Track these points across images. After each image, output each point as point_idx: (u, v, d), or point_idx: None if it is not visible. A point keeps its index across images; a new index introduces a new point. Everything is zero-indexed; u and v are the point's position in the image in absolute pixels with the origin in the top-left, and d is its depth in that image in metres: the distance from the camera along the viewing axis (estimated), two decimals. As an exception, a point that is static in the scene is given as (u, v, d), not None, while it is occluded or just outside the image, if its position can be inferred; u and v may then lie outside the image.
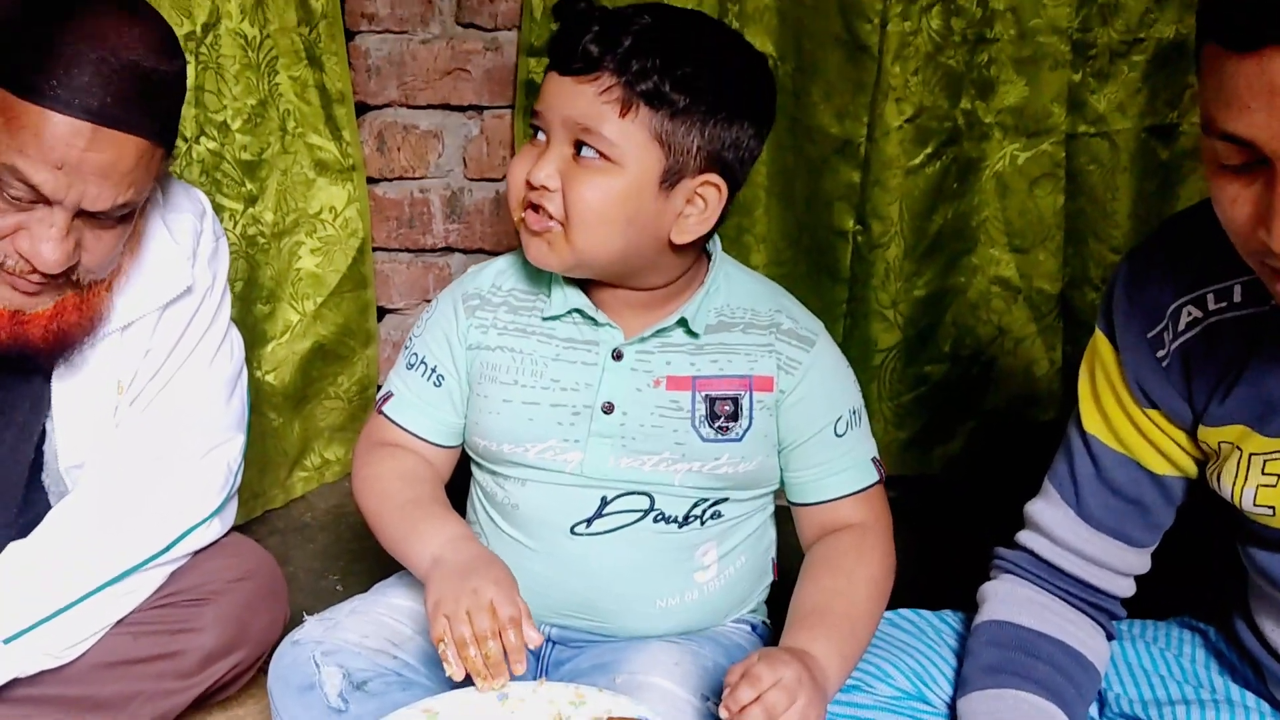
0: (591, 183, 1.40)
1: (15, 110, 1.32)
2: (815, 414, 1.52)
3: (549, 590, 1.49)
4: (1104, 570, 1.39)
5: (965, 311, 2.31)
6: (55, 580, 1.52)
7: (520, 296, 1.55)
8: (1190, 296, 1.26)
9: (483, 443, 1.55)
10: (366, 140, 2.37)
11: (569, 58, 1.38)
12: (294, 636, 1.54)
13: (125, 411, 1.59)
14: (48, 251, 1.37)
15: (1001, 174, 2.22)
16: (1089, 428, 1.36)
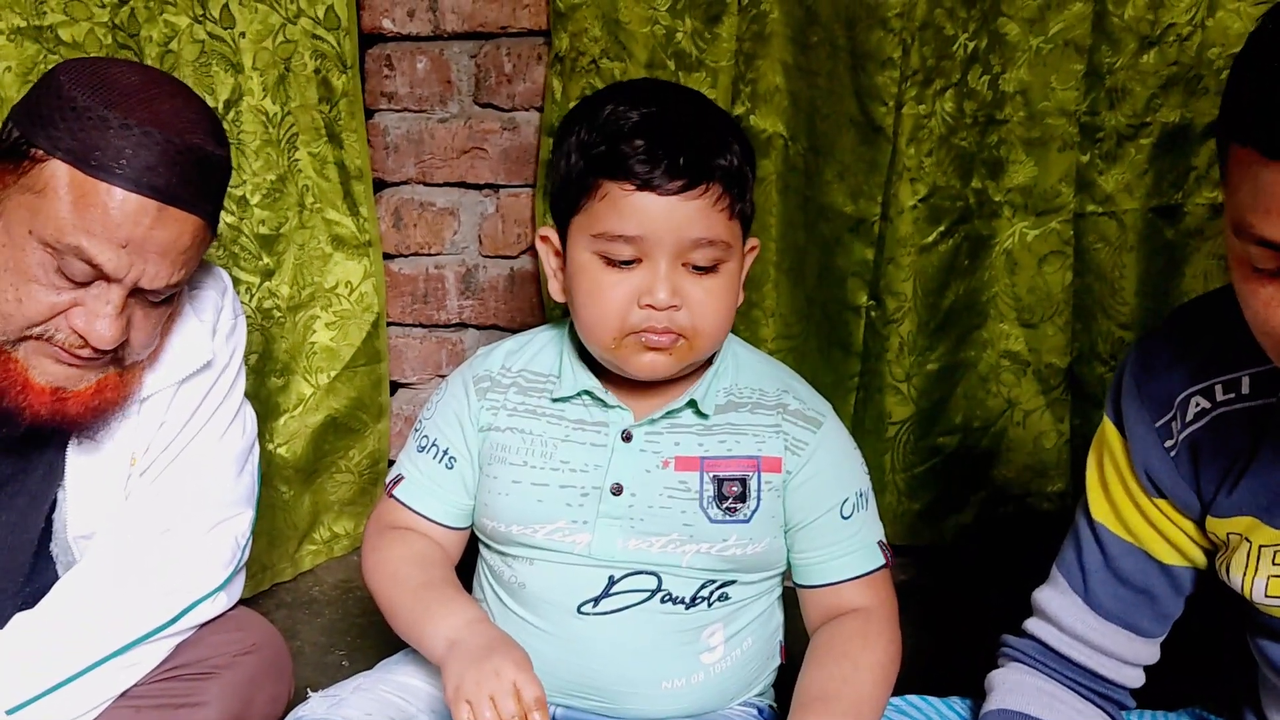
0: (712, 290, 1.41)
1: (85, 188, 1.33)
2: (821, 496, 1.51)
3: (555, 670, 1.46)
4: (1112, 660, 1.36)
5: (976, 384, 2.32)
6: (60, 651, 1.49)
7: (530, 377, 1.55)
8: (1198, 387, 1.24)
9: (491, 524, 1.54)
10: (383, 216, 2.39)
11: (669, 178, 1.35)
12: (298, 713, 1.52)
13: (135, 482, 1.58)
14: (103, 328, 1.38)
15: (1011, 251, 2.24)
16: (1097, 516, 1.34)
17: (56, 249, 1.35)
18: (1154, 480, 1.28)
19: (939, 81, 2.13)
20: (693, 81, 2.22)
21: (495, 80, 2.32)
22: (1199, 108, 2.12)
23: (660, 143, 1.36)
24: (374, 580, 1.55)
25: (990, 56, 2.13)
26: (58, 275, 1.36)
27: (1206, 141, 2.14)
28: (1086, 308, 2.27)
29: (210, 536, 1.59)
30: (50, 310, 1.38)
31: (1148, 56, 2.10)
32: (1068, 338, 2.28)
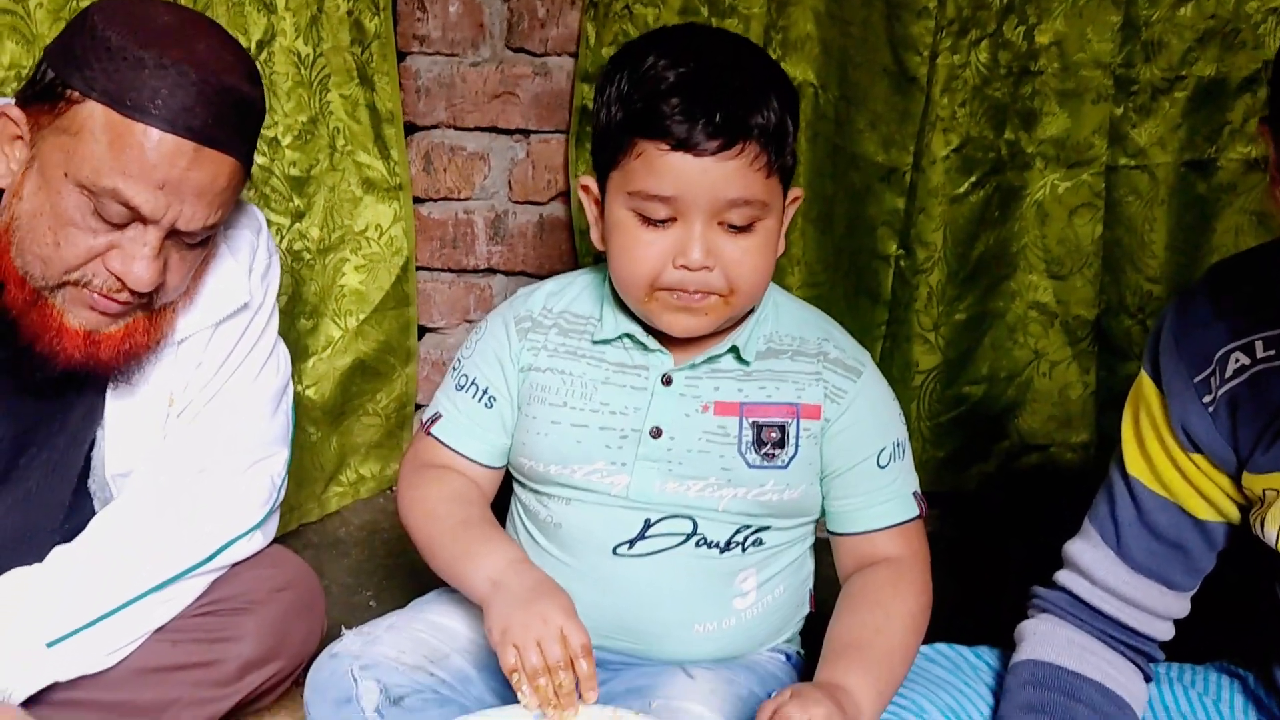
0: (749, 248, 1.40)
1: (120, 129, 1.34)
2: (859, 444, 1.51)
3: (587, 611, 1.46)
4: (1143, 613, 1.37)
5: (1003, 335, 2.33)
6: (98, 586, 1.52)
7: (571, 319, 1.55)
8: (1239, 343, 1.24)
9: (529, 463, 1.54)
10: (413, 160, 2.39)
11: (704, 138, 1.34)
12: (332, 649, 1.53)
13: (173, 423, 1.59)
14: (140, 270, 1.38)
15: (1042, 203, 2.24)
16: (1132, 470, 1.34)
17: (93, 191, 1.35)
18: (1191, 436, 1.28)
19: (974, 32, 2.12)
20: (725, 27, 2.19)
21: (528, 24, 2.31)
22: (1235, 62, 2.11)
23: (696, 102, 1.34)
24: (411, 518, 1.56)
25: (1026, 7, 2.12)
26: (94, 218, 1.37)
27: (1242, 96, 2.12)
28: (1115, 261, 2.26)
29: (246, 476, 1.61)
30: (88, 254, 1.38)
31: (1185, 9, 2.09)
32: (1096, 290, 2.27)
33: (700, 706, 1.44)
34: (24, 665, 1.47)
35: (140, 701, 1.55)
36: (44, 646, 1.48)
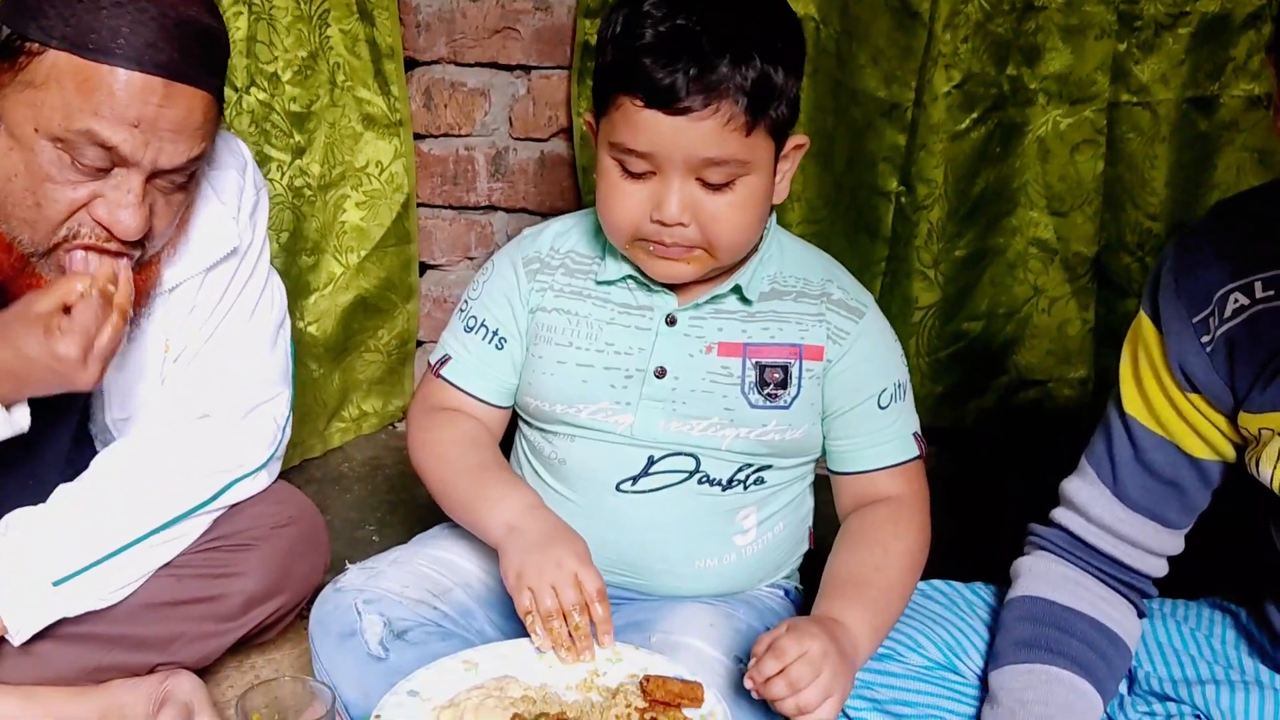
0: (730, 203, 1.39)
1: (87, 73, 1.31)
2: (860, 384, 1.52)
3: (590, 546, 1.47)
4: (1138, 550, 1.38)
5: (1003, 272, 2.32)
6: (102, 526, 1.53)
7: (577, 259, 1.55)
8: (1238, 283, 1.24)
9: (534, 402, 1.55)
10: (414, 96, 2.37)
11: (674, 99, 1.32)
12: (336, 584, 1.55)
13: (170, 368, 1.59)
14: (127, 218, 1.37)
15: (1044, 139, 2.22)
16: (1129, 409, 1.35)
17: (66, 139, 1.32)
18: (1189, 375, 1.28)
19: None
20: None
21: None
22: None
23: (670, 60, 1.32)
24: (424, 461, 1.57)
25: None
26: (72, 169, 1.34)
27: (1246, 32, 2.11)
28: (1116, 198, 2.26)
29: (249, 419, 1.61)
30: (70, 206, 1.36)
31: None
32: (1096, 227, 2.27)
33: (699, 640, 1.46)
34: (31, 603, 1.49)
35: (146, 636, 1.57)
36: (50, 585, 1.49)
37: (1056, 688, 1.31)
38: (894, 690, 1.40)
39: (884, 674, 1.41)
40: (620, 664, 1.36)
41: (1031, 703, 1.30)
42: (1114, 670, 1.36)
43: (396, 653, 1.46)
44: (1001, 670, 1.35)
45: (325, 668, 1.49)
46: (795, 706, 1.30)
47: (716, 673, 1.42)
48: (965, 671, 1.43)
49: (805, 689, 1.29)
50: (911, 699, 1.40)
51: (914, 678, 1.41)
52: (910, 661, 1.42)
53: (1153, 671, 1.42)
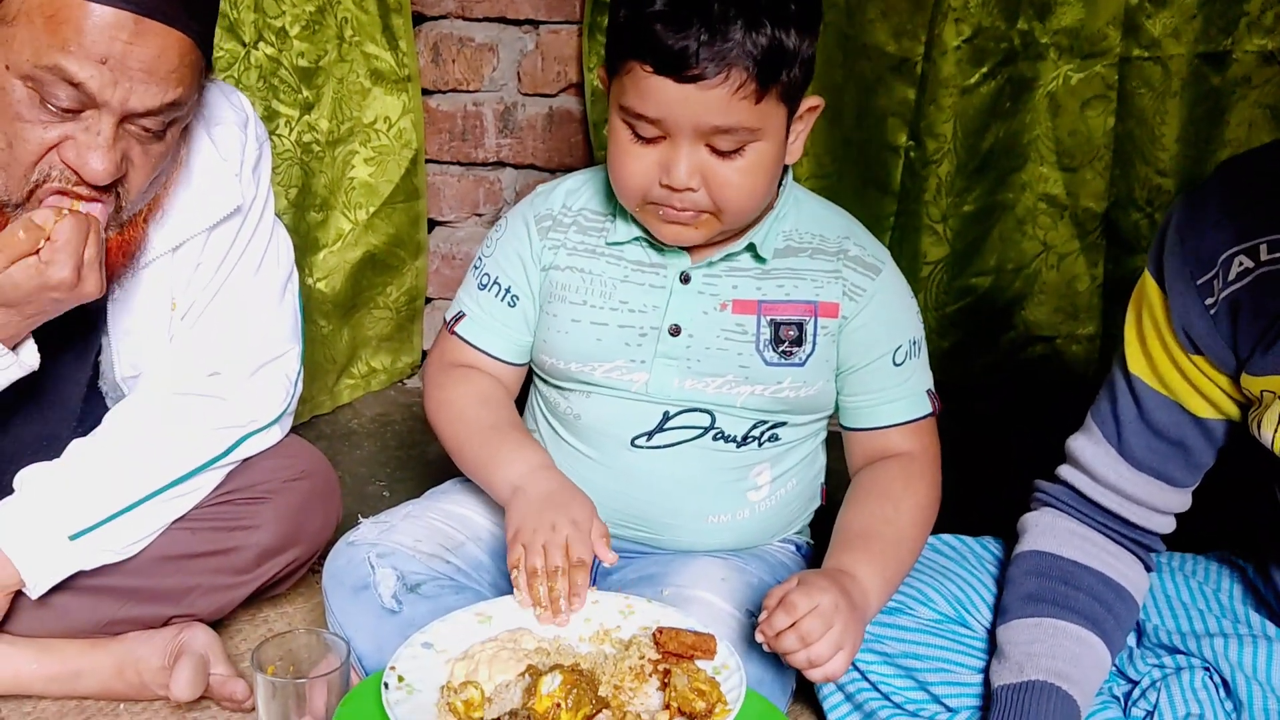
0: (738, 169, 1.38)
1: (55, 7, 1.28)
2: (875, 341, 1.52)
3: (604, 500, 1.49)
4: (1144, 508, 1.39)
5: (1012, 227, 2.32)
6: (117, 482, 1.53)
7: (589, 217, 1.55)
8: (1243, 246, 1.24)
9: (549, 360, 1.56)
10: (422, 51, 2.36)
11: (684, 67, 1.31)
12: (349, 538, 1.56)
13: (178, 325, 1.58)
14: (95, 161, 1.33)
15: (1054, 94, 2.22)
16: (1133, 369, 1.35)
17: (35, 77, 1.30)
18: (1192, 337, 1.28)
19: None
20: None
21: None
22: None
23: (679, 28, 1.30)
24: (439, 419, 1.57)
25: None
26: (42, 109, 1.31)
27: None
28: (1126, 154, 2.25)
29: (260, 375, 1.61)
30: (40, 146, 1.33)
31: None
32: (1106, 183, 2.27)
33: (711, 594, 1.47)
34: (48, 557, 1.49)
35: (161, 588, 1.58)
36: (66, 539, 1.49)
37: (1064, 640, 1.32)
38: (904, 644, 1.42)
39: (894, 627, 1.42)
40: (633, 616, 1.37)
41: (1039, 655, 1.31)
42: (1121, 623, 1.36)
43: (410, 606, 1.46)
44: (1009, 624, 1.36)
45: (339, 621, 1.50)
46: (807, 659, 1.31)
47: (728, 626, 1.43)
48: (974, 625, 1.44)
49: (816, 642, 1.30)
50: (921, 652, 1.41)
51: (924, 631, 1.42)
52: (920, 615, 1.44)
53: (1161, 625, 1.43)
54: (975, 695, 1.38)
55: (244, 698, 1.57)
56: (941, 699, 1.39)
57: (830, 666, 1.32)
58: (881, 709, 1.41)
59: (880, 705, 1.42)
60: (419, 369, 2.51)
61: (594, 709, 1.21)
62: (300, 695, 1.31)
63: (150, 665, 1.57)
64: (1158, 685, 1.38)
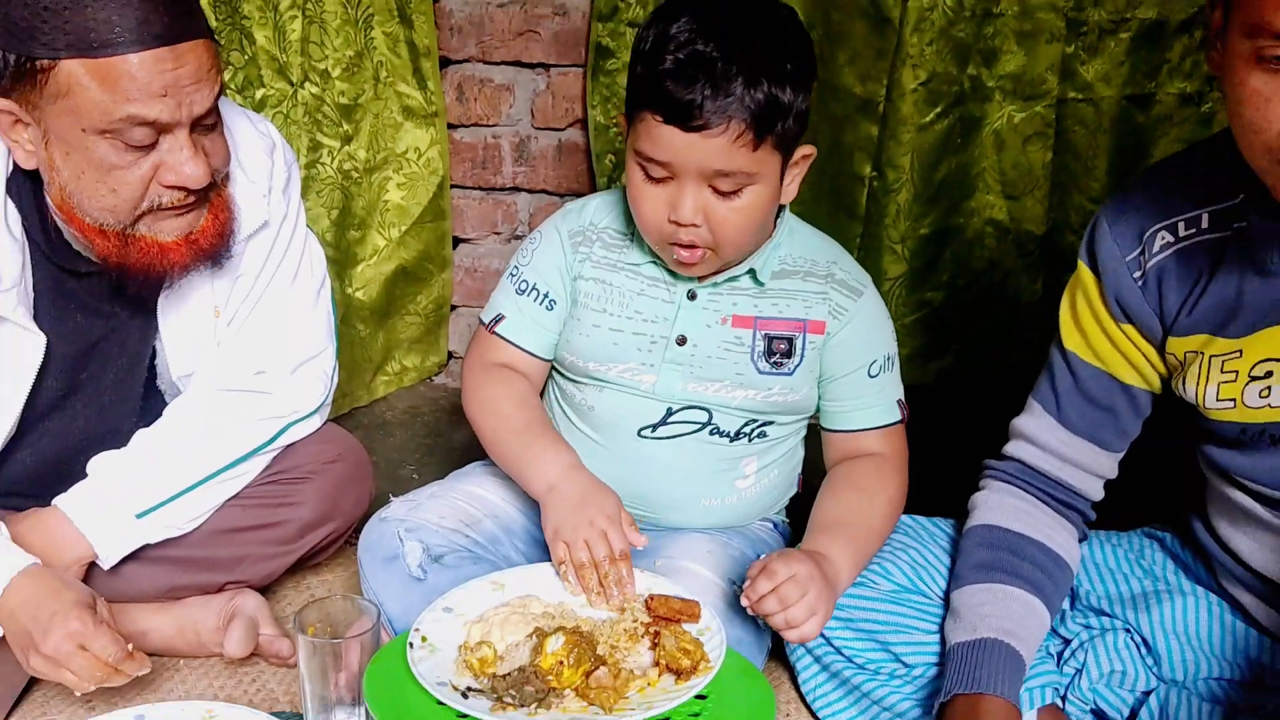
0: (736, 208, 1.37)
1: (104, 69, 1.26)
2: (854, 355, 1.52)
3: (611, 483, 1.50)
4: (1080, 471, 1.39)
5: (962, 248, 2.30)
6: (178, 467, 1.53)
7: (612, 236, 1.54)
8: (1164, 223, 1.27)
9: (570, 358, 1.55)
10: (447, 90, 2.35)
11: (689, 118, 1.30)
12: (381, 514, 1.56)
13: (224, 331, 1.57)
14: (192, 169, 1.33)
15: (999, 131, 2.20)
16: (1069, 345, 1.37)
17: (112, 129, 1.29)
18: (1123, 307, 1.30)
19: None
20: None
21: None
22: (1174, 5, 2.06)
23: (687, 85, 1.30)
24: (478, 414, 1.56)
25: None
26: (128, 151, 1.31)
27: (1180, 36, 2.09)
28: (1063, 183, 2.24)
29: (300, 372, 1.61)
30: (140, 183, 1.33)
31: None
32: (1045, 209, 2.25)
33: (697, 565, 1.47)
34: (118, 533, 1.49)
35: (216, 558, 1.58)
36: (134, 517, 1.50)
37: (1011, 603, 1.32)
38: (866, 611, 1.42)
39: (857, 598, 1.42)
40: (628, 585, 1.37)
41: (989, 616, 1.31)
42: (1059, 588, 1.37)
43: (434, 574, 1.46)
44: (962, 589, 1.36)
45: (371, 587, 1.50)
46: (784, 620, 1.31)
47: (713, 593, 1.43)
48: (929, 592, 1.44)
49: (793, 606, 1.30)
50: (882, 618, 1.41)
51: (884, 599, 1.42)
52: (880, 587, 1.44)
53: (1092, 589, 1.44)
54: (931, 653, 1.38)
55: (288, 655, 1.58)
56: (901, 657, 1.39)
57: (805, 628, 1.32)
58: (845, 668, 1.42)
59: (844, 665, 1.42)
60: (445, 367, 2.50)
61: (593, 666, 1.22)
62: (337, 653, 1.31)
63: (207, 626, 1.58)
64: (1085, 646, 1.39)
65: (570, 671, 1.20)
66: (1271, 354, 1.20)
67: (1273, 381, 1.20)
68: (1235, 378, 1.23)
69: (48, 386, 1.49)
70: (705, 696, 1.20)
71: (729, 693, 1.21)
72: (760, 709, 1.20)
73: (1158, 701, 1.32)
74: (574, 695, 1.20)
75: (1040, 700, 1.32)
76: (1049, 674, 1.35)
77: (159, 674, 1.56)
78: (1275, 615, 1.31)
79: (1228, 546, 1.34)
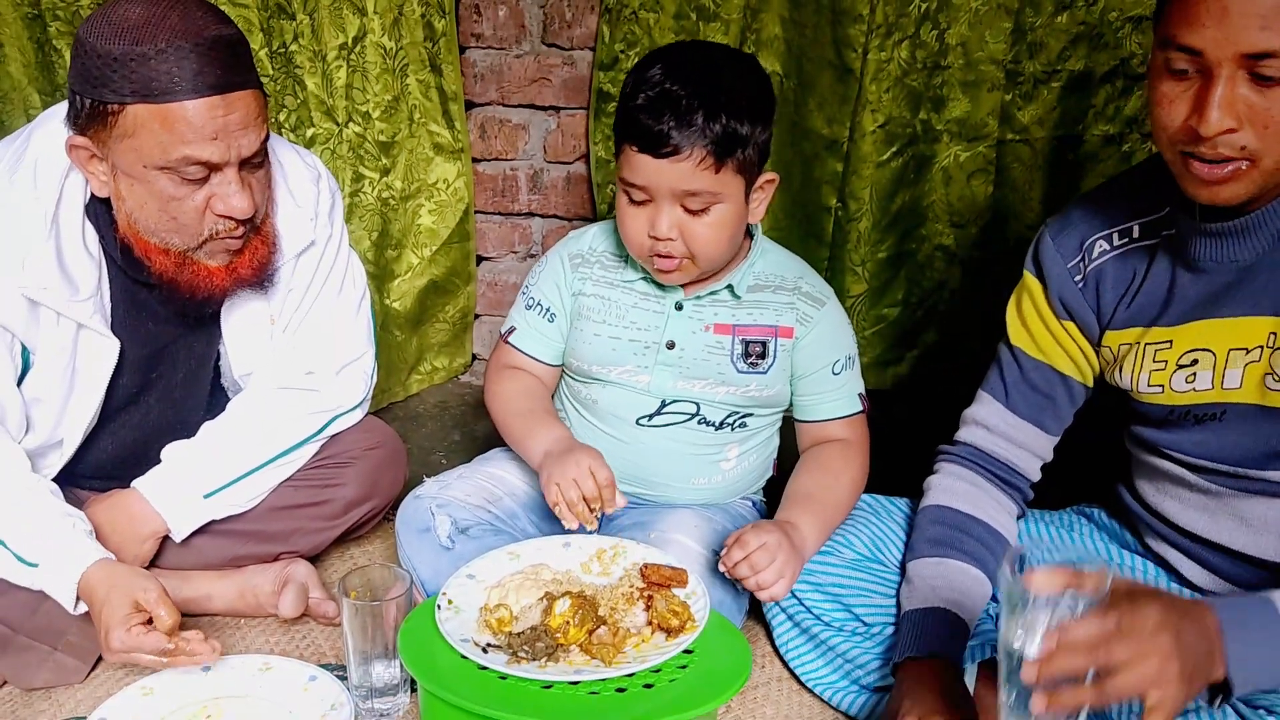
0: (706, 224, 1.39)
1: (164, 114, 1.26)
2: (818, 356, 1.52)
3: (614, 464, 1.50)
4: (1024, 451, 1.40)
5: (915, 270, 2.30)
6: (240, 453, 1.54)
7: (610, 258, 1.55)
8: (1101, 233, 1.29)
9: (576, 362, 1.57)
10: (472, 129, 2.35)
11: (659, 146, 1.33)
12: (415, 493, 1.57)
13: (279, 337, 1.58)
14: (239, 202, 1.34)
15: (947, 168, 2.20)
16: (1015, 341, 1.38)
17: (170, 166, 1.29)
18: (1065, 305, 1.31)
19: (897, 34, 2.08)
20: (710, 30, 2.16)
21: (559, 25, 2.27)
22: (1099, 59, 2.07)
23: (656, 118, 1.32)
24: (493, 406, 1.58)
25: (939, 15, 2.08)
26: (184, 185, 1.31)
27: (1104, 86, 2.09)
28: (1003, 214, 2.24)
29: (345, 372, 1.61)
30: (197, 212, 1.34)
31: (1061, 17, 2.05)
32: (987, 236, 2.25)
33: (685, 538, 1.48)
34: (188, 510, 1.51)
35: (271, 531, 1.59)
36: (202, 497, 1.51)
37: (958, 576, 1.33)
38: (831, 576, 1.42)
39: (824, 564, 1.43)
40: (625, 555, 1.37)
41: (940, 587, 1.32)
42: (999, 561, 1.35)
43: (460, 545, 1.48)
44: (916, 561, 1.36)
45: (407, 554, 1.51)
46: (755, 583, 1.33)
47: (698, 561, 1.44)
48: (887, 561, 1.45)
49: (763, 571, 1.32)
50: (845, 583, 1.42)
51: (847, 566, 1.43)
52: (844, 555, 1.44)
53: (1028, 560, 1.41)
54: (888, 613, 1.39)
55: (334, 615, 1.58)
56: (861, 617, 1.40)
57: (774, 589, 1.33)
58: (814, 625, 1.42)
59: (812, 623, 1.42)
60: (469, 367, 2.49)
61: (595, 625, 1.22)
62: (376, 614, 1.32)
63: (264, 590, 1.58)
64: None
65: (575, 630, 1.21)
66: (1197, 344, 1.21)
67: (1197, 369, 1.21)
68: (1165, 366, 1.24)
69: (123, 384, 1.49)
70: (692, 651, 1.21)
71: (712, 648, 1.22)
72: (739, 661, 1.20)
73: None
74: (579, 650, 1.21)
75: (980, 655, 1.33)
76: (989, 634, 1.35)
77: (222, 631, 1.57)
78: (1198, 568, 1.32)
79: (1156, 510, 1.34)
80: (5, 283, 1.34)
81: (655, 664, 1.17)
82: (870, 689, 1.38)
